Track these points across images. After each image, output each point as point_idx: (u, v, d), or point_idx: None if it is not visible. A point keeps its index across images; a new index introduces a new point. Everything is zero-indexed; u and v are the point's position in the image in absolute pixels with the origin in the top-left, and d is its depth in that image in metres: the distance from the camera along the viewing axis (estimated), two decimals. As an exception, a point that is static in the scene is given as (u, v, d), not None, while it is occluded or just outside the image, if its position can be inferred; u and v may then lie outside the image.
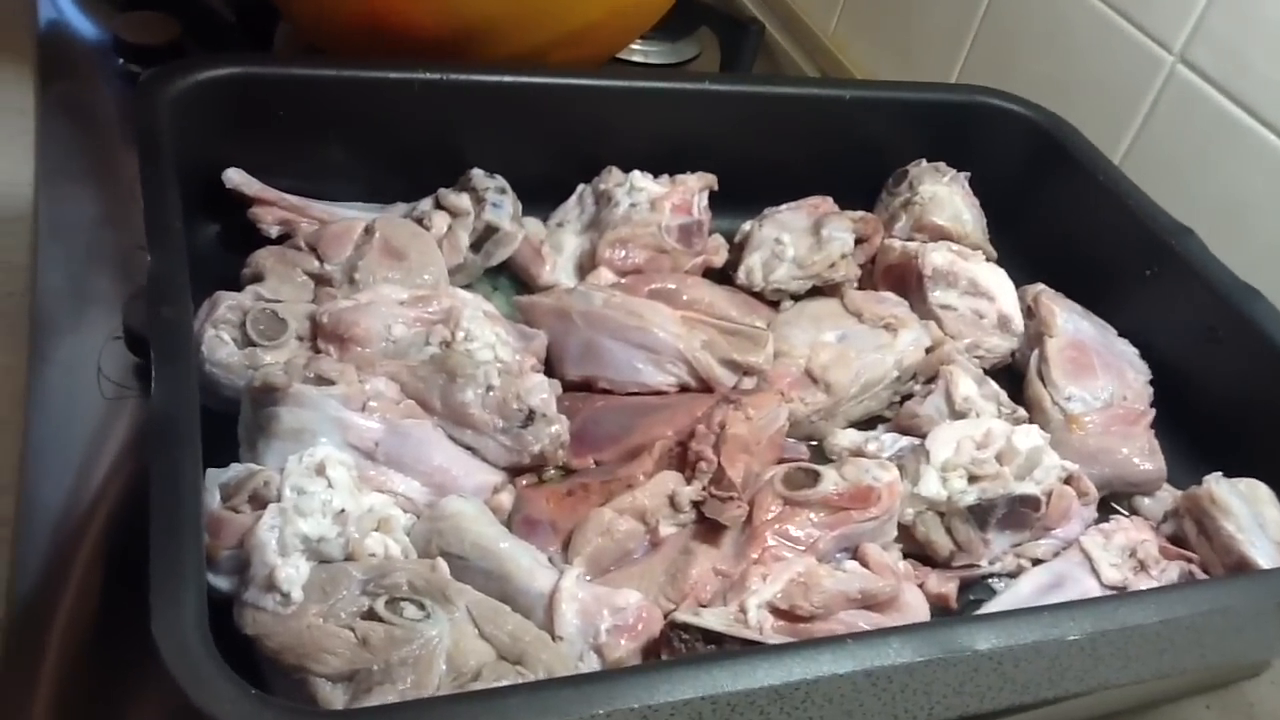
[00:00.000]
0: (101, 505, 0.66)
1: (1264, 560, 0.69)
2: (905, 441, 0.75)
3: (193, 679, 0.44)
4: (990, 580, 0.72)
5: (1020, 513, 0.70)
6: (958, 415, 0.76)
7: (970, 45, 1.11)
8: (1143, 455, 0.78)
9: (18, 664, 0.58)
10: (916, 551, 0.71)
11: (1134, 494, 0.79)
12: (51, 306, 0.77)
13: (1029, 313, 0.87)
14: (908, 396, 0.81)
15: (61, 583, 0.62)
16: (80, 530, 0.64)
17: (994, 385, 0.80)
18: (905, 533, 0.71)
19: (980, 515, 0.69)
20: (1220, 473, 0.77)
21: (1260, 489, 0.73)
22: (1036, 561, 0.72)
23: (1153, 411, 0.81)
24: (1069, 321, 0.85)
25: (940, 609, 0.68)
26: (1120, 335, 0.87)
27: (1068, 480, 0.73)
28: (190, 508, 0.50)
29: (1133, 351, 0.86)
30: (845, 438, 0.77)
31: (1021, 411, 0.79)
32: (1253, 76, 0.87)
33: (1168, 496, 0.78)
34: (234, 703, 0.43)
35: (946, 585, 0.69)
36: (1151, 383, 0.84)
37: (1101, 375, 0.82)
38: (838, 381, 0.78)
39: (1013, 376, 0.86)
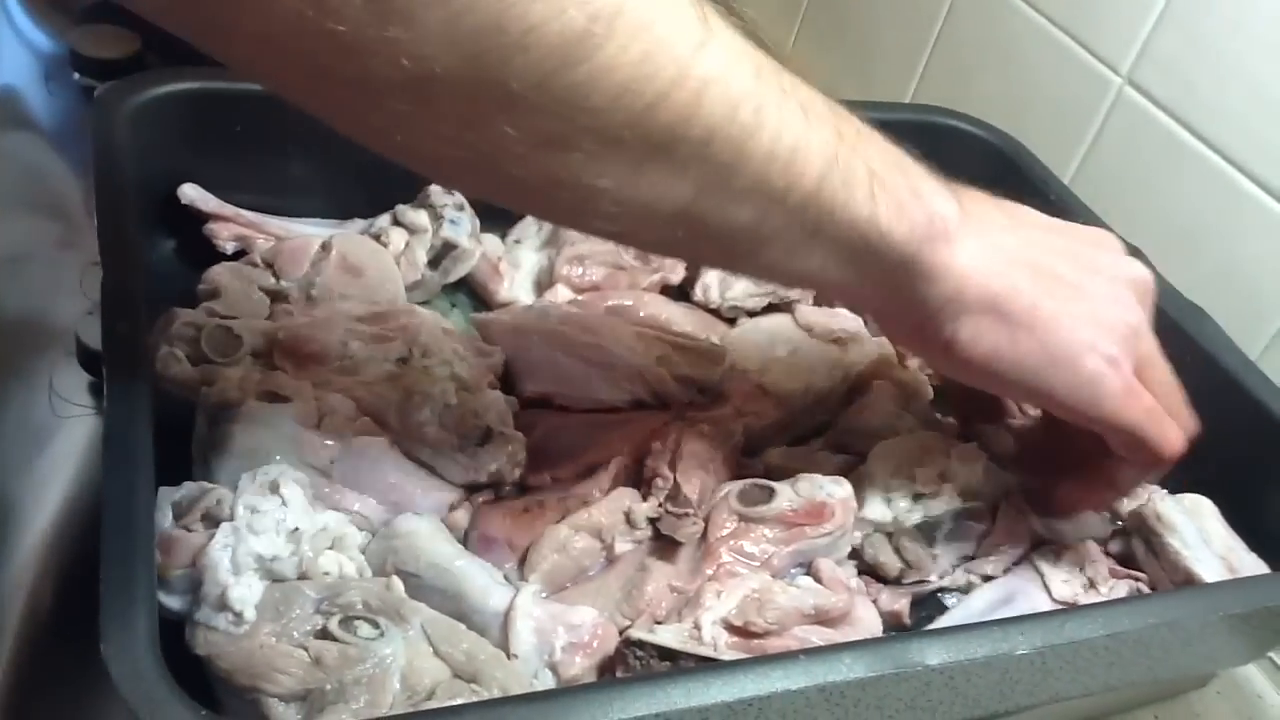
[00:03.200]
0: (53, 525, 0.65)
1: (1208, 575, 0.70)
2: (841, 459, 0.76)
3: (145, 700, 0.43)
4: (941, 595, 0.73)
5: (965, 525, 0.71)
6: (891, 432, 0.76)
7: (925, 65, 1.13)
8: None
9: (-34, 684, 0.57)
10: (867, 571, 0.71)
11: None
12: (5, 323, 0.76)
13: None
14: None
15: (11, 601, 0.61)
16: (31, 549, 0.64)
17: (924, 401, 0.80)
18: (854, 555, 0.71)
19: (927, 532, 0.70)
20: (1165, 490, 0.79)
21: (1204, 504, 0.75)
22: (987, 578, 0.73)
23: None
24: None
25: (894, 626, 0.69)
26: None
27: (1008, 492, 0.74)
28: (143, 526, 0.50)
29: None
30: (778, 455, 0.76)
31: (951, 422, 0.80)
32: (1198, 99, 0.88)
33: (1145, 494, 0.79)
34: (184, 723, 0.43)
35: (899, 602, 0.70)
36: None
37: None
38: (789, 396, 0.78)
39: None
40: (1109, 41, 0.95)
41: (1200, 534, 0.73)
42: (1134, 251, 0.86)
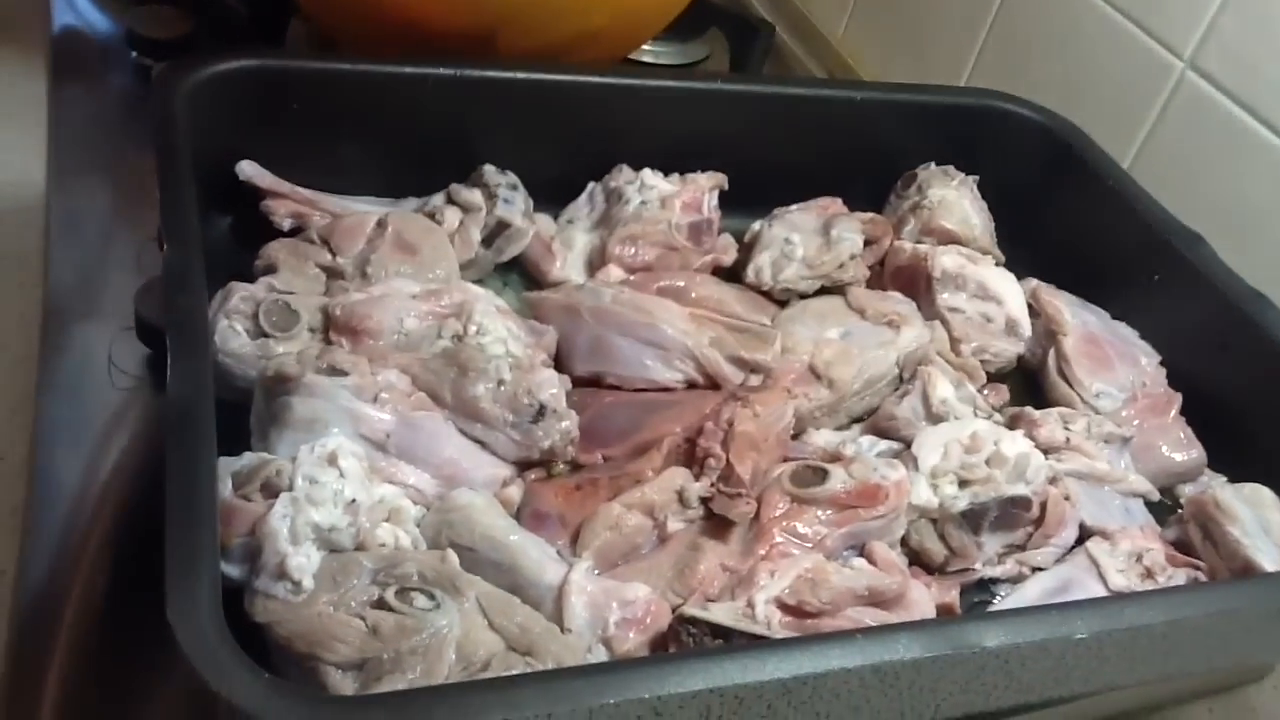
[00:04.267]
0: (112, 495, 0.66)
1: (1269, 565, 0.69)
2: (884, 445, 0.75)
3: (209, 663, 0.44)
4: (993, 586, 0.72)
5: (1011, 513, 0.70)
6: (934, 418, 0.76)
7: (980, 49, 1.11)
8: (1180, 446, 0.79)
9: (29, 651, 0.58)
10: (911, 558, 0.71)
11: (1177, 484, 0.80)
12: (63, 298, 0.77)
13: (1031, 310, 0.87)
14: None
15: (72, 570, 0.62)
16: (91, 520, 0.65)
17: (971, 389, 0.79)
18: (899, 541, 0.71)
19: (973, 519, 0.70)
20: (1225, 478, 0.78)
21: (1265, 494, 0.74)
22: (1037, 569, 0.72)
23: (1179, 396, 0.82)
24: (1075, 315, 0.86)
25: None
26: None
27: (1053, 480, 0.73)
28: (205, 495, 0.51)
29: (1132, 333, 0.87)
30: (821, 438, 0.76)
31: (999, 415, 0.79)
32: (1263, 83, 0.87)
33: (1208, 480, 0.79)
34: (249, 686, 0.43)
35: (950, 594, 0.69)
36: (1162, 363, 0.85)
37: (1118, 365, 0.83)
38: (841, 378, 0.78)
39: (1020, 377, 0.87)
40: (1171, 25, 0.93)
41: (1260, 523, 0.71)
42: (1195, 237, 0.86)
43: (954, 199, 0.92)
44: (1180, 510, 0.77)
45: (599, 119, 0.88)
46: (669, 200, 0.86)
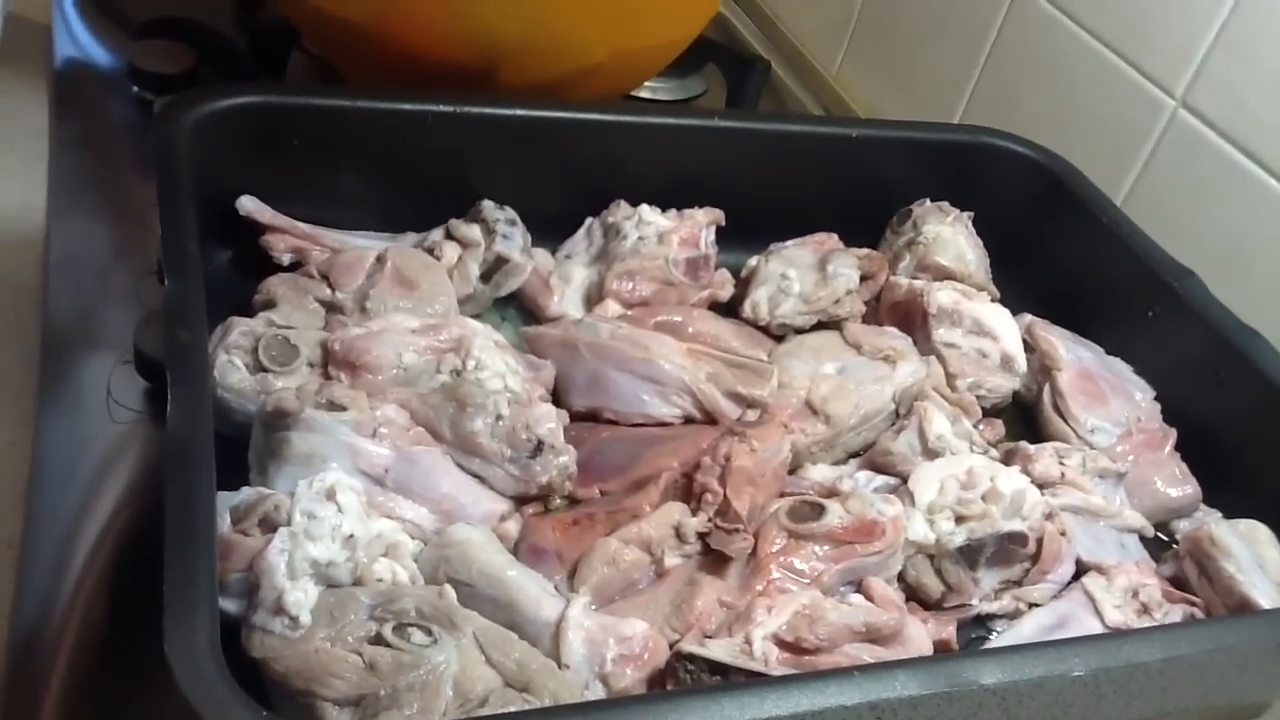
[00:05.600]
0: (108, 528, 0.66)
1: (1265, 601, 0.70)
2: (881, 480, 0.75)
3: (206, 700, 0.44)
4: (990, 622, 0.72)
5: (1008, 549, 0.70)
6: (931, 453, 0.76)
7: (974, 86, 1.12)
8: (1174, 482, 0.80)
9: (22, 686, 0.58)
10: (907, 594, 0.71)
11: (1172, 519, 0.80)
12: (62, 329, 0.77)
13: (1027, 346, 0.88)
14: (906, 430, 0.81)
15: (68, 605, 0.62)
16: (88, 554, 0.64)
17: (967, 424, 0.80)
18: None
19: (970, 555, 0.70)
20: (1220, 513, 0.78)
21: (1260, 530, 0.74)
22: (1033, 605, 0.72)
23: (1174, 431, 0.82)
24: (1070, 351, 0.86)
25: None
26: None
27: (1049, 516, 0.73)
28: (205, 531, 0.51)
29: (1127, 368, 0.87)
30: (817, 473, 0.76)
31: (994, 451, 0.79)
32: (1254, 121, 0.88)
33: (1203, 515, 0.79)
34: (247, 725, 0.43)
35: (946, 630, 0.69)
36: (1157, 398, 0.85)
37: (1113, 400, 0.83)
38: (837, 413, 0.78)
39: (1015, 412, 0.87)
40: (1163, 64, 0.94)
41: (1256, 559, 0.72)
42: (1187, 273, 0.86)
43: (949, 235, 0.93)
44: (1176, 546, 0.78)
45: (597, 154, 0.88)
46: (666, 236, 0.87)
